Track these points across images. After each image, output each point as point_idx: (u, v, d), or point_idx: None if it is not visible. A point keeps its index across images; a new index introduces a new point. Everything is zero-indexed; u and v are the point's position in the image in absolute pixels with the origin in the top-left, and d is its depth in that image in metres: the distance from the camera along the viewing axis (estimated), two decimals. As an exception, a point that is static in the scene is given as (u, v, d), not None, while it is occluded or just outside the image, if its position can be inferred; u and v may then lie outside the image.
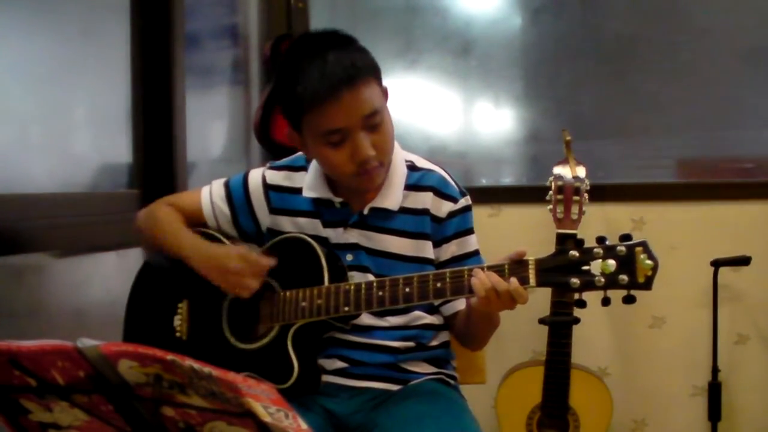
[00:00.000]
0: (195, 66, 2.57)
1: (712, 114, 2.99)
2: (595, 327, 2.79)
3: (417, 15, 3.12)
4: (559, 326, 2.45)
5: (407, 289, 1.48)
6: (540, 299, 2.45)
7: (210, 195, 1.72)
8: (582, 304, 1.43)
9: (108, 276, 2.05)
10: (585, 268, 1.39)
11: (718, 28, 2.97)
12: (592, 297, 1.42)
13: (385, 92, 1.58)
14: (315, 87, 1.47)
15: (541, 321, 2.44)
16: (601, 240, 1.40)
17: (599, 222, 2.78)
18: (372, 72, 1.52)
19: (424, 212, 1.62)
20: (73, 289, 1.95)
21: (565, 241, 2.47)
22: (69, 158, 2.09)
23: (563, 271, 1.40)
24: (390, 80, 1.57)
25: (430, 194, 1.62)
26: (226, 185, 1.72)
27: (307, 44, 1.53)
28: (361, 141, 1.49)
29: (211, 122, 2.82)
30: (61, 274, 1.92)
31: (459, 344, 1.73)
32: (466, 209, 1.65)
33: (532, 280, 1.41)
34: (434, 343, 1.67)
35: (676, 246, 2.77)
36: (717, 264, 2.65)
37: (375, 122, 1.51)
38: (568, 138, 2.52)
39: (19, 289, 1.77)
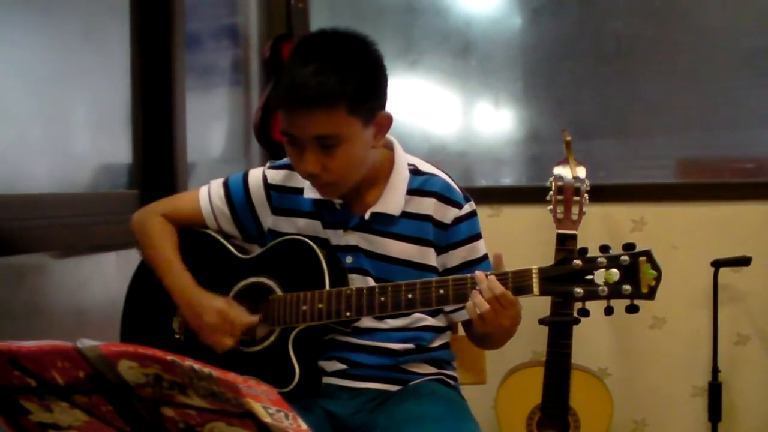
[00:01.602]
0: (195, 66, 2.56)
1: (712, 114, 2.99)
2: (595, 327, 2.79)
3: (417, 15, 3.12)
4: (559, 326, 2.45)
5: (410, 296, 1.48)
6: (540, 300, 2.44)
7: (209, 196, 1.70)
8: (586, 313, 1.43)
9: (108, 276, 2.04)
10: (588, 277, 1.39)
11: (718, 28, 2.97)
12: (594, 304, 1.42)
13: (375, 121, 1.51)
14: (280, 91, 1.49)
15: (541, 321, 2.44)
16: (604, 249, 1.39)
17: (599, 222, 2.78)
18: (347, 100, 1.44)
19: (427, 218, 1.60)
20: (73, 289, 1.95)
21: (565, 241, 2.50)
22: (69, 158, 2.09)
23: (567, 281, 1.40)
24: (390, 81, 1.55)
25: (433, 200, 1.60)
26: (225, 185, 1.70)
27: (308, 45, 1.51)
28: (305, 156, 1.48)
29: (211, 122, 2.82)
30: (61, 274, 1.92)
31: (475, 346, 1.72)
32: (472, 214, 1.63)
33: (536, 289, 1.41)
34: (434, 344, 1.67)
35: (676, 246, 2.76)
36: (717, 264, 2.65)
37: (328, 144, 1.47)
38: (568, 138, 2.52)
39: (19, 289, 1.77)
